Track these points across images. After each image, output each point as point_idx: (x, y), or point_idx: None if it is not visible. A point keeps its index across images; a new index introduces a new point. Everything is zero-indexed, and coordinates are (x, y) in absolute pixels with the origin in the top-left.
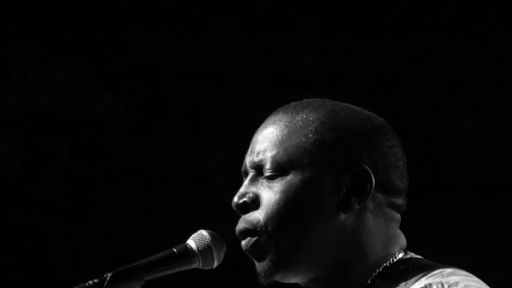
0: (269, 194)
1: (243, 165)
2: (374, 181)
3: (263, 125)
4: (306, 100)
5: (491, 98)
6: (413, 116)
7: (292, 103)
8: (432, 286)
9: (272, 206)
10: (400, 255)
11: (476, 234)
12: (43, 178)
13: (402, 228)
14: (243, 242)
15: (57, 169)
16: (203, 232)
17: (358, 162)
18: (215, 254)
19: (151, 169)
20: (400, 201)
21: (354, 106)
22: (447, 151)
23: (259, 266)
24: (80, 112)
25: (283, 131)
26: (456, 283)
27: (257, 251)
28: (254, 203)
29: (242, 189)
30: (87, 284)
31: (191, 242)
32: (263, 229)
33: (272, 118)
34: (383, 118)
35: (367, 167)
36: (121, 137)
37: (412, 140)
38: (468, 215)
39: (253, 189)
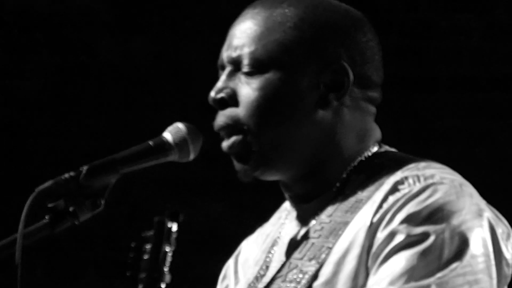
0: (248, 91)
1: (220, 59)
2: (352, 77)
3: (240, 19)
4: None
5: None
6: (392, 11)
7: None
8: (408, 179)
9: (252, 103)
10: (375, 149)
11: (454, 127)
12: (22, 74)
13: (381, 122)
14: (228, 142)
15: (36, 65)
16: (179, 125)
17: (336, 59)
18: (191, 147)
19: (129, 64)
20: (376, 94)
21: (331, 0)
22: (426, 45)
23: (240, 165)
24: (58, 7)
25: (261, 26)
26: (432, 176)
27: (241, 151)
28: (232, 98)
29: (219, 84)
30: (63, 177)
31: (167, 135)
32: (245, 127)
33: (249, 12)
34: (360, 12)
35: (345, 64)
36: (100, 33)
37: (391, 35)
38: (446, 108)
39: (230, 84)
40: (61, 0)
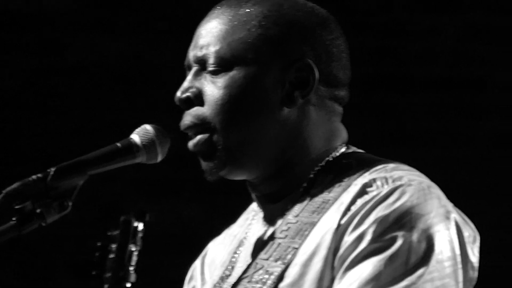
0: (213, 89)
1: (186, 59)
2: (317, 75)
3: (206, 19)
4: None
5: None
6: (367, 12)
7: None
8: (376, 181)
9: (217, 102)
10: (343, 149)
11: (429, 128)
12: None
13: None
14: (193, 141)
15: (12, 66)
16: (147, 127)
17: (301, 56)
18: (159, 148)
19: (103, 65)
20: (343, 93)
21: None
22: (402, 45)
23: (206, 164)
24: (34, 8)
25: (226, 25)
26: (400, 178)
27: (206, 149)
28: (198, 98)
29: (185, 84)
30: (30, 179)
31: (135, 137)
32: (211, 126)
33: (215, 12)
34: (326, 10)
35: (310, 61)
36: (73, 33)
37: (367, 36)
38: (421, 109)
39: (196, 84)
40: (37, 0)
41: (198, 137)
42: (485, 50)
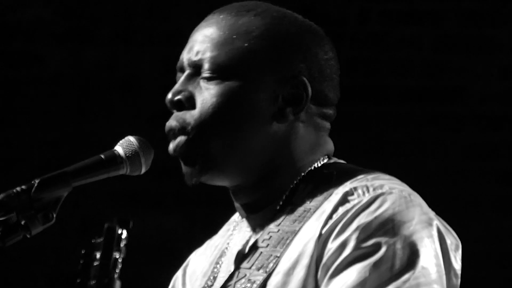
0: (205, 95)
1: (179, 61)
2: (310, 93)
3: (204, 24)
4: (249, 2)
5: (422, 3)
6: (343, 21)
7: (235, 4)
8: (357, 190)
9: (208, 109)
10: (325, 160)
11: (405, 139)
12: None
13: (332, 133)
14: (173, 143)
15: None
16: (131, 138)
17: (297, 73)
18: (142, 160)
19: (80, 75)
20: (331, 111)
21: (296, 15)
22: (377, 56)
23: (186, 168)
24: (8, 18)
25: (226, 33)
26: (381, 186)
27: (186, 152)
28: (189, 102)
29: (177, 86)
30: (14, 190)
31: (119, 148)
32: (196, 130)
33: (214, 18)
34: (322, 30)
35: (305, 79)
36: (50, 43)
37: (343, 45)
38: (397, 120)
39: (189, 87)
40: (11, 10)
41: (178, 139)
42: (461, 61)
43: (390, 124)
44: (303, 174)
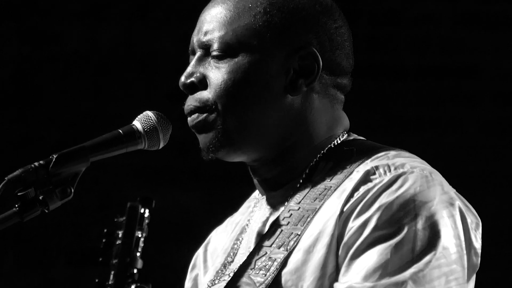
0: (217, 74)
1: (191, 44)
2: (321, 63)
3: (210, 4)
4: None
5: None
6: None
7: None
8: (379, 169)
9: (221, 85)
10: (344, 137)
11: (422, 115)
12: None
13: (350, 110)
14: (191, 117)
15: (5, 54)
16: (149, 113)
17: (306, 44)
18: (160, 135)
19: (98, 53)
20: (345, 81)
21: None
22: (395, 33)
23: (202, 138)
24: None
25: (231, 11)
26: (402, 165)
27: (203, 125)
28: (201, 83)
29: (189, 69)
30: (32, 165)
31: (137, 123)
32: (213, 107)
33: None
34: None
35: (315, 49)
36: (68, 21)
37: (361, 23)
38: (415, 96)
39: (200, 69)
40: None
41: (195, 115)
42: (479, 38)
43: (408, 101)
44: (322, 151)
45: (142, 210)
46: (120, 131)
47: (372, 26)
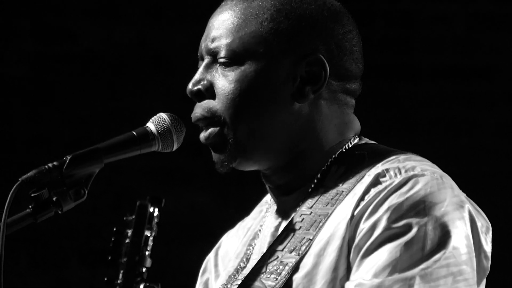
0: (224, 82)
1: (199, 49)
2: (328, 70)
3: (218, 10)
4: None
5: None
6: (375, 0)
7: None
8: (389, 171)
9: (228, 96)
10: (355, 141)
11: (436, 117)
12: (4, 60)
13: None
14: (205, 134)
15: (19, 52)
16: (163, 115)
17: (313, 51)
18: (174, 137)
19: (112, 52)
20: (355, 86)
21: None
22: (409, 34)
23: (217, 157)
24: None
25: (239, 18)
26: (413, 168)
27: (217, 142)
28: (208, 91)
29: (196, 76)
30: (46, 166)
31: (151, 125)
32: (222, 119)
33: (228, 3)
34: (339, 3)
35: (322, 56)
36: (82, 20)
37: (375, 25)
38: (429, 98)
39: (208, 76)
40: None
41: (210, 130)
42: (493, 39)
43: (422, 102)
44: (334, 156)
45: (151, 209)
46: (134, 133)
47: (386, 27)
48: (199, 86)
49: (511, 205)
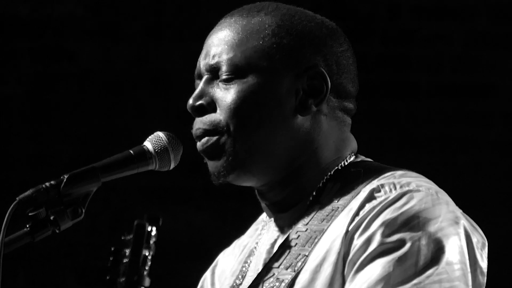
0: (226, 95)
1: (197, 68)
2: (329, 83)
3: (217, 28)
4: (259, 3)
5: None
6: (374, 17)
7: (246, 6)
8: (384, 187)
9: (231, 106)
10: (352, 158)
11: (435, 134)
12: (3, 80)
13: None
14: (201, 141)
15: (18, 71)
16: (160, 134)
17: (314, 65)
18: (171, 156)
19: (110, 71)
20: (351, 105)
21: (306, 11)
22: (408, 52)
23: (213, 164)
24: (40, 14)
25: (240, 34)
26: (408, 183)
27: (213, 150)
28: (210, 105)
29: (197, 91)
30: (44, 185)
31: (148, 144)
32: (224, 128)
33: (226, 21)
34: (334, 23)
35: (323, 70)
36: (81, 39)
37: (374, 43)
38: (427, 116)
39: (209, 92)
40: (43, 6)
41: (207, 137)
42: (491, 57)
43: (420, 120)
44: (330, 173)
45: (149, 228)
46: (131, 151)
47: (384, 45)
48: (201, 101)
49: (508, 222)
